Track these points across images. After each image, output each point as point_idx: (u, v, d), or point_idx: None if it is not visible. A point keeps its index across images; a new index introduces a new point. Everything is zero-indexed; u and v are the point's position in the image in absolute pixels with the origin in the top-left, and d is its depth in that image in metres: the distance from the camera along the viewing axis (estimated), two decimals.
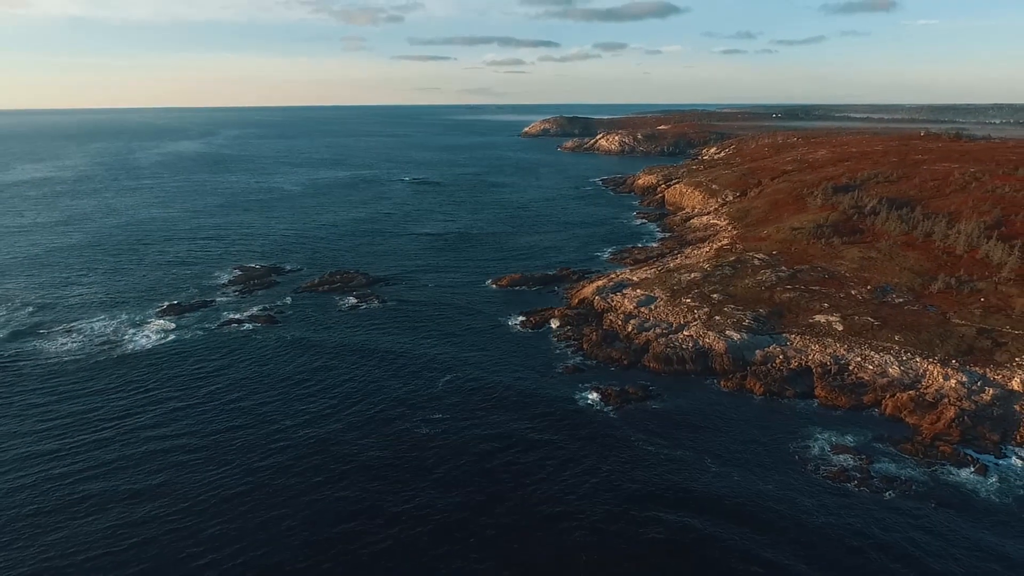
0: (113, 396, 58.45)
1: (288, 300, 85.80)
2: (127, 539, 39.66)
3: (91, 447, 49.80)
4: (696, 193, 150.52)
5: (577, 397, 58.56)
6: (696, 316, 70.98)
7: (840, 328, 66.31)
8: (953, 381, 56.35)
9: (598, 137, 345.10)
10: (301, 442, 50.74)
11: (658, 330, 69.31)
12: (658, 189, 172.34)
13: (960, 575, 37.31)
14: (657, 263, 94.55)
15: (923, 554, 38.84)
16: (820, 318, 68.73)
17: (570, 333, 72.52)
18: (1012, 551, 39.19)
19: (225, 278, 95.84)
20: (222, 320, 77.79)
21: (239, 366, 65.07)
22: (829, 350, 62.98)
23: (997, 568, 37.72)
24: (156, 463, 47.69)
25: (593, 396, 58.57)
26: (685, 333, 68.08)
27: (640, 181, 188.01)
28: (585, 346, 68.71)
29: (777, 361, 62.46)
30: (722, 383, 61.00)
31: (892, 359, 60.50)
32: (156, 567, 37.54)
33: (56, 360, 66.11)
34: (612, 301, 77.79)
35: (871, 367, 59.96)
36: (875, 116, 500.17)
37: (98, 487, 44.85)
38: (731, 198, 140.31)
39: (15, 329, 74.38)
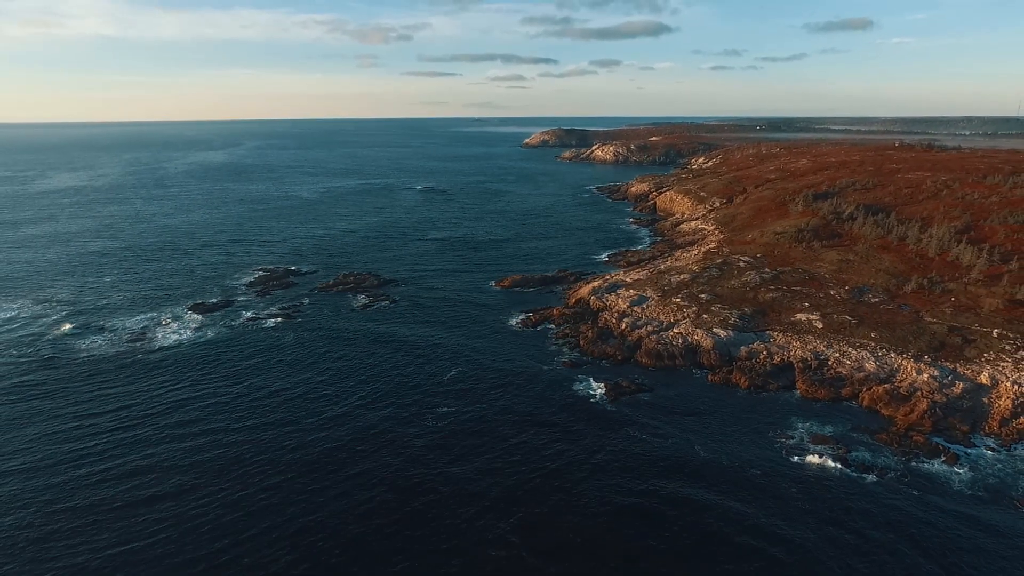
0: (149, 392, 58.38)
1: (306, 300, 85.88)
2: (169, 531, 39.33)
3: (132, 443, 49.52)
4: (685, 200, 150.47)
5: (575, 389, 58.53)
6: (685, 314, 70.91)
7: (820, 326, 66.20)
8: (926, 375, 56.23)
9: (594, 148, 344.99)
10: (331, 433, 50.67)
11: (650, 328, 69.24)
12: (650, 196, 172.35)
13: (936, 538, 38.34)
14: (649, 265, 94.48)
15: (901, 520, 39.82)
16: (801, 316, 68.62)
17: (568, 331, 72.44)
18: (984, 516, 40.25)
19: (247, 279, 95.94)
20: (245, 317, 77.97)
21: (265, 361, 65.11)
22: (809, 346, 62.88)
23: (970, 532, 38.50)
24: (196, 456, 47.35)
25: (590, 389, 58.52)
26: (675, 330, 68.00)
27: (633, 189, 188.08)
28: (582, 343, 68.64)
29: (761, 356, 62.37)
30: (709, 377, 60.93)
31: (868, 355, 60.37)
32: (204, 555, 37.21)
33: (92, 358, 66.17)
34: (607, 301, 77.73)
35: (849, 362, 59.85)
36: (853, 128, 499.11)
37: (144, 480, 44.50)
38: (718, 204, 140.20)
39: (54, 329, 74.51)
